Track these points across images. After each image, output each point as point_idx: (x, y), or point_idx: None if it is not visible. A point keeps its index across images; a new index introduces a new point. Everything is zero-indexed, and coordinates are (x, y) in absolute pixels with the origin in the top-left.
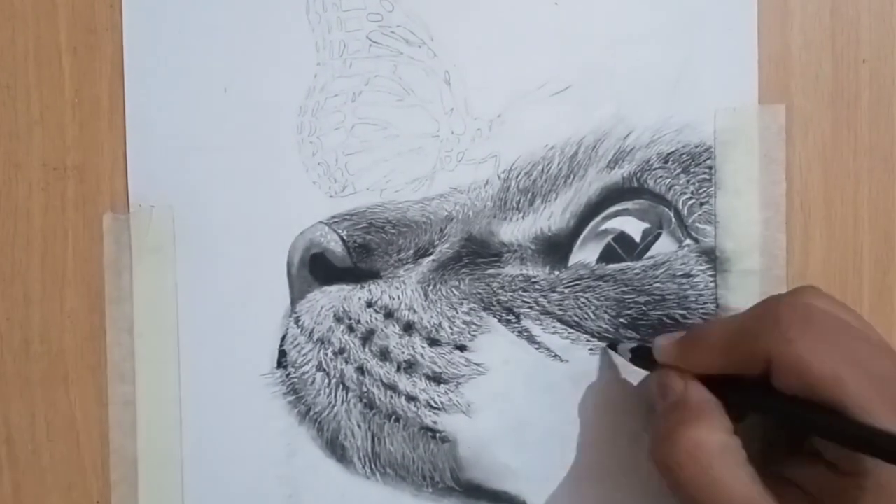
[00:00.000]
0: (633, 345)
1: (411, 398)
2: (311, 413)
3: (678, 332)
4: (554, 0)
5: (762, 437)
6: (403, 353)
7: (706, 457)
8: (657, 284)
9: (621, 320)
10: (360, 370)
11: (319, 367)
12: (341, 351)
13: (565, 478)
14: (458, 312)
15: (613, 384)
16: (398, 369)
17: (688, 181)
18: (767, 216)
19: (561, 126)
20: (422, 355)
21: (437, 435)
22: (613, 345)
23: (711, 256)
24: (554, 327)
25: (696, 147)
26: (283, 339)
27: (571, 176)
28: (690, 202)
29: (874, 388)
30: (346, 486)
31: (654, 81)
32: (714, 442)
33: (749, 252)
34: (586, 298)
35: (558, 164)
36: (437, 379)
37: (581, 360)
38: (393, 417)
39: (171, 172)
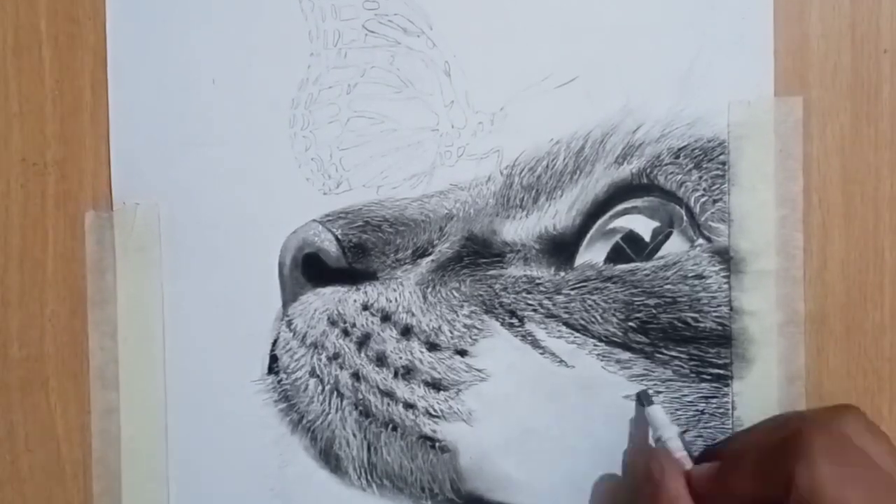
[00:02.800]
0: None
1: (409, 406)
2: (304, 421)
3: (712, 464)
4: None
5: None
6: (401, 358)
7: None
8: (668, 286)
9: (630, 324)
10: (356, 376)
11: (313, 373)
12: (336, 356)
13: (572, 490)
14: (458, 315)
15: (622, 391)
16: (395, 375)
17: (700, 177)
18: (784, 214)
19: (567, 119)
20: (420, 360)
21: (437, 444)
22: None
23: (725, 257)
24: (559, 331)
25: (709, 141)
26: (275, 343)
27: (578, 172)
28: (703, 199)
29: None
30: (341, 498)
31: (665, 72)
32: None
33: (764, 252)
34: (593, 301)
35: (564, 159)
36: (436, 385)
37: (588, 366)
38: (390, 426)
39: (157, 168)
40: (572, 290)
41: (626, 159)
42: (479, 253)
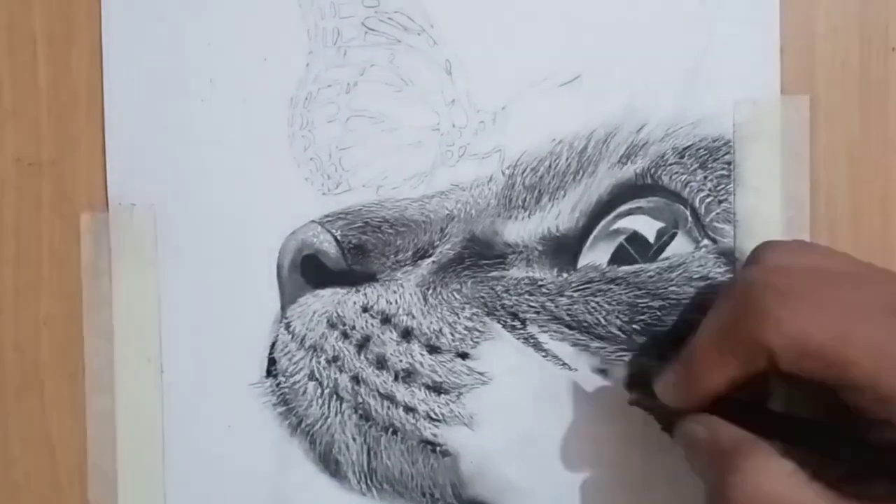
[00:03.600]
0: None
1: (410, 409)
2: (303, 425)
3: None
4: None
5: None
6: (401, 361)
7: (773, 498)
8: (672, 288)
9: (634, 326)
10: (356, 379)
11: (312, 377)
12: (335, 359)
13: (575, 495)
14: (459, 318)
15: (627, 395)
16: (396, 378)
17: (705, 177)
18: (790, 215)
19: (569, 119)
20: (421, 363)
21: (438, 448)
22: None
23: (731, 258)
24: (562, 333)
25: (714, 141)
26: (273, 346)
27: (581, 172)
28: (708, 200)
29: (884, 330)
30: (341, 503)
31: (669, 71)
32: (771, 481)
33: None
34: (597, 303)
35: (567, 159)
36: (437, 389)
37: (591, 369)
38: (390, 430)
39: (153, 169)
40: (575, 291)
41: (630, 159)
42: (480, 254)
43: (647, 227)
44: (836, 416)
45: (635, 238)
